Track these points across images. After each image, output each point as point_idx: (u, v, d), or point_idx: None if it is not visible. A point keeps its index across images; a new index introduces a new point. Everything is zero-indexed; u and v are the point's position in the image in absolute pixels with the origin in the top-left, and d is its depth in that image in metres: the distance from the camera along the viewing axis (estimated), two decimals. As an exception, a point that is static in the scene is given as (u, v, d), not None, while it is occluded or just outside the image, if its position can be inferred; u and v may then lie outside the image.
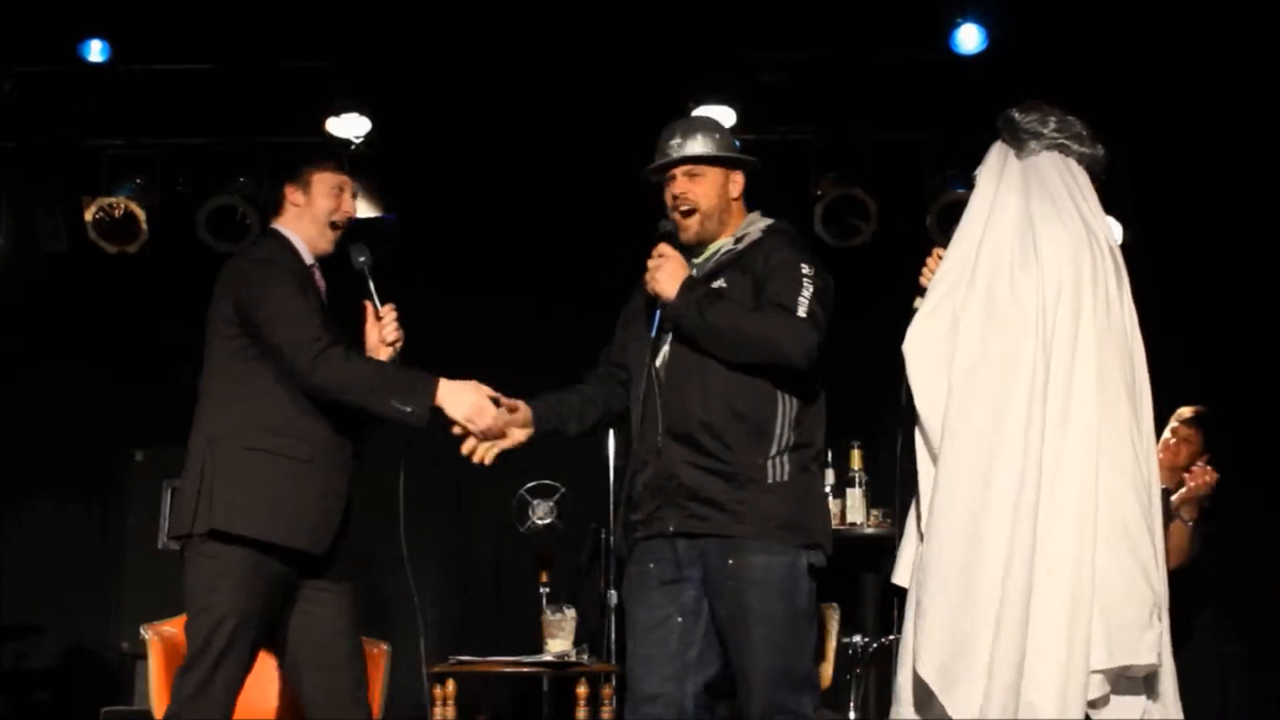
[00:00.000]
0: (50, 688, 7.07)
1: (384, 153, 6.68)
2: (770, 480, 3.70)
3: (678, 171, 3.89)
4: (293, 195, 4.05)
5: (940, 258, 3.55)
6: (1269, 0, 5.91)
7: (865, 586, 6.03)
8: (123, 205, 6.64)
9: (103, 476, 7.05)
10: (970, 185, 5.46)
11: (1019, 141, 3.50)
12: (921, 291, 3.57)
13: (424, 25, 6.34)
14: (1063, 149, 3.49)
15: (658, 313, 3.81)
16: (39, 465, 7.13)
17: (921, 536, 3.38)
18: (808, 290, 3.71)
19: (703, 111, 6.38)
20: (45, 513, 7.21)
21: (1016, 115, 3.54)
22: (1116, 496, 3.26)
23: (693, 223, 3.88)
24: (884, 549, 5.50)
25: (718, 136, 3.94)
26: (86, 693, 6.83)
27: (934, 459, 3.36)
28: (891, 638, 5.83)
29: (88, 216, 6.66)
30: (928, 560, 3.30)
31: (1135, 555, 3.24)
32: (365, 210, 6.75)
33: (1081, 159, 3.51)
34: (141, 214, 6.65)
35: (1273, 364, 6.54)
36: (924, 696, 3.28)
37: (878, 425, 5.54)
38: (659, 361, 3.84)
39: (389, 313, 4.07)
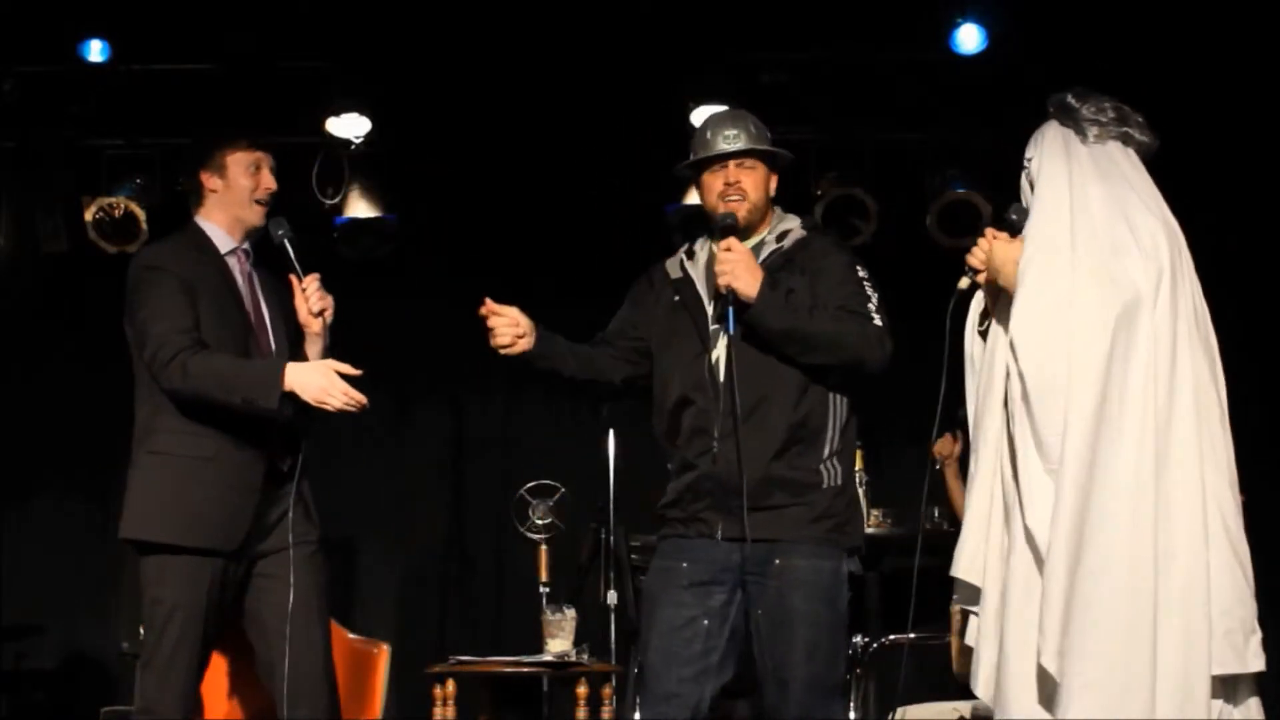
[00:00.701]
0: (50, 688, 7.07)
1: (384, 153, 6.68)
2: (825, 485, 3.73)
3: (730, 162, 3.88)
4: (209, 181, 4.01)
5: (995, 237, 3.45)
6: (1269, 0, 5.91)
7: (865, 586, 6.02)
8: (123, 205, 6.64)
9: (103, 476, 7.04)
10: (972, 185, 5.49)
11: (1081, 128, 3.42)
12: (968, 271, 3.46)
13: (424, 26, 6.34)
14: (1124, 139, 3.44)
15: (728, 311, 3.72)
16: (40, 465, 7.14)
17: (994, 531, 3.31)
18: (874, 297, 3.78)
19: (702, 112, 6.39)
20: (45, 513, 7.21)
21: (1073, 101, 3.46)
22: (1219, 497, 3.19)
23: (743, 209, 3.86)
24: (884, 549, 5.52)
25: (768, 134, 3.96)
26: (86, 693, 6.83)
27: (1040, 445, 3.20)
28: (892, 638, 5.83)
29: (88, 216, 6.66)
30: (1035, 555, 3.17)
31: (1239, 558, 3.19)
32: (365, 210, 6.76)
33: (1140, 148, 3.46)
34: (141, 214, 6.65)
35: (1273, 364, 6.55)
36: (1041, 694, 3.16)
37: (878, 425, 5.55)
38: (717, 360, 3.79)
39: (311, 282, 3.96)
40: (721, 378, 3.76)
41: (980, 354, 3.44)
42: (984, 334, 3.44)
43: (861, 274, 3.81)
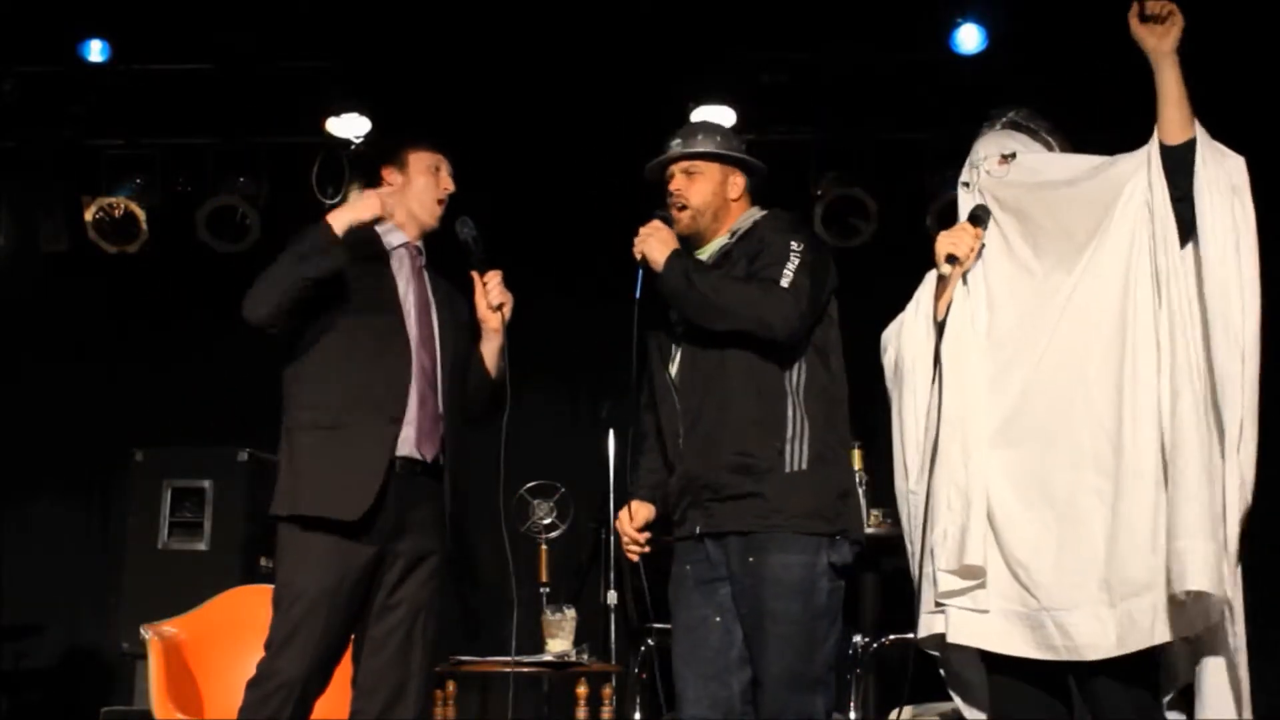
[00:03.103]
0: (50, 688, 7.06)
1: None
2: (788, 469, 3.68)
3: (676, 169, 3.94)
4: (390, 176, 4.09)
5: (975, 234, 3.54)
6: (1269, 0, 5.91)
7: (865, 586, 6.02)
8: (123, 205, 6.64)
9: (103, 476, 7.05)
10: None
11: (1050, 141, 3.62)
12: (949, 259, 3.52)
13: (424, 26, 6.34)
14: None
15: (638, 275, 3.84)
16: (39, 465, 7.13)
17: None
18: (793, 263, 3.71)
19: (703, 111, 6.40)
20: (45, 513, 7.21)
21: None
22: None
23: (684, 216, 3.91)
24: (884, 549, 5.51)
25: (719, 137, 3.97)
26: (86, 693, 6.82)
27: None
28: (892, 638, 5.83)
29: (88, 216, 6.66)
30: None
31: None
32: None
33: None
34: (141, 214, 6.66)
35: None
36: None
37: (878, 425, 5.54)
38: (674, 367, 3.86)
39: (493, 278, 4.08)
40: (677, 379, 3.84)
41: (924, 337, 3.57)
42: (941, 325, 3.50)
43: (794, 246, 3.75)
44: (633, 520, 3.92)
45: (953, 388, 3.43)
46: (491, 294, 4.05)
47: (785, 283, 3.68)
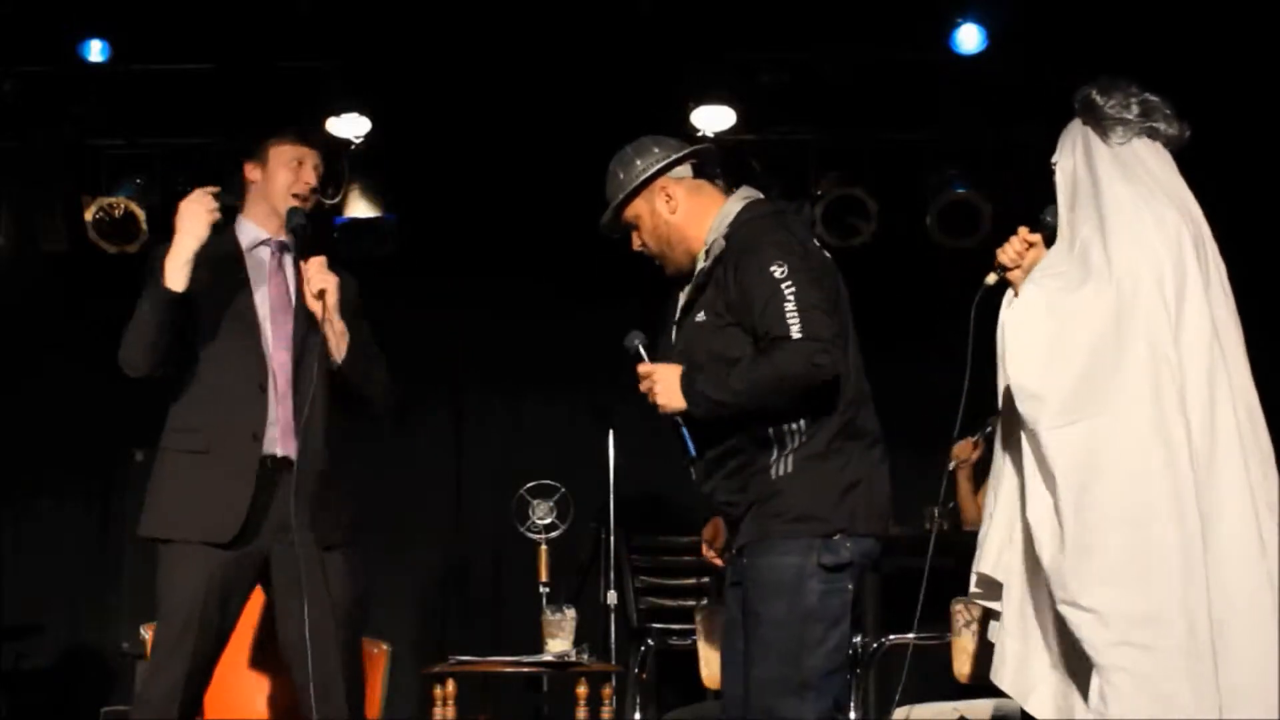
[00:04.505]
0: (50, 688, 7.06)
1: (384, 153, 6.68)
2: (775, 475, 3.61)
3: (628, 232, 3.81)
4: (250, 172, 4.01)
5: (1026, 240, 3.47)
6: (1269, 0, 5.91)
7: (865, 586, 6.02)
8: (123, 205, 6.64)
9: (103, 476, 7.05)
10: (972, 185, 5.48)
11: (1104, 128, 3.40)
12: (997, 268, 3.47)
13: (423, 26, 6.34)
14: (1151, 133, 3.43)
15: (683, 434, 3.66)
16: (39, 465, 7.13)
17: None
18: (789, 300, 3.49)
19: (702, 111, 6.39)
20: (45, 513, 7.21)
21: (1098, 98, 3.43)
22: (1270, 499, 3.21)
23: (666, 265, 3.78)
24: (885, 549, 5.50)
25: (620, 176, 3.77)
26: (86, 693, 6.83)
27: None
28: (892, 638, 5.83)
29: (88, 216, 6.66)
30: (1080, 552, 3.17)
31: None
32: (365, 210, 6.76)
33: (1168, 141, 3.45)
34: (141, 214, 6.65)
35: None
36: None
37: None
38: None
39: (312, 264, 3.91)
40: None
41: None
42: None
43: (776, 273, 3.50)
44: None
45: None
46: (312, 281, 3.89)
47: (796, 332, 3.47)
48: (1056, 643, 3.24)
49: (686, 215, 3.73)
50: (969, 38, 6.27)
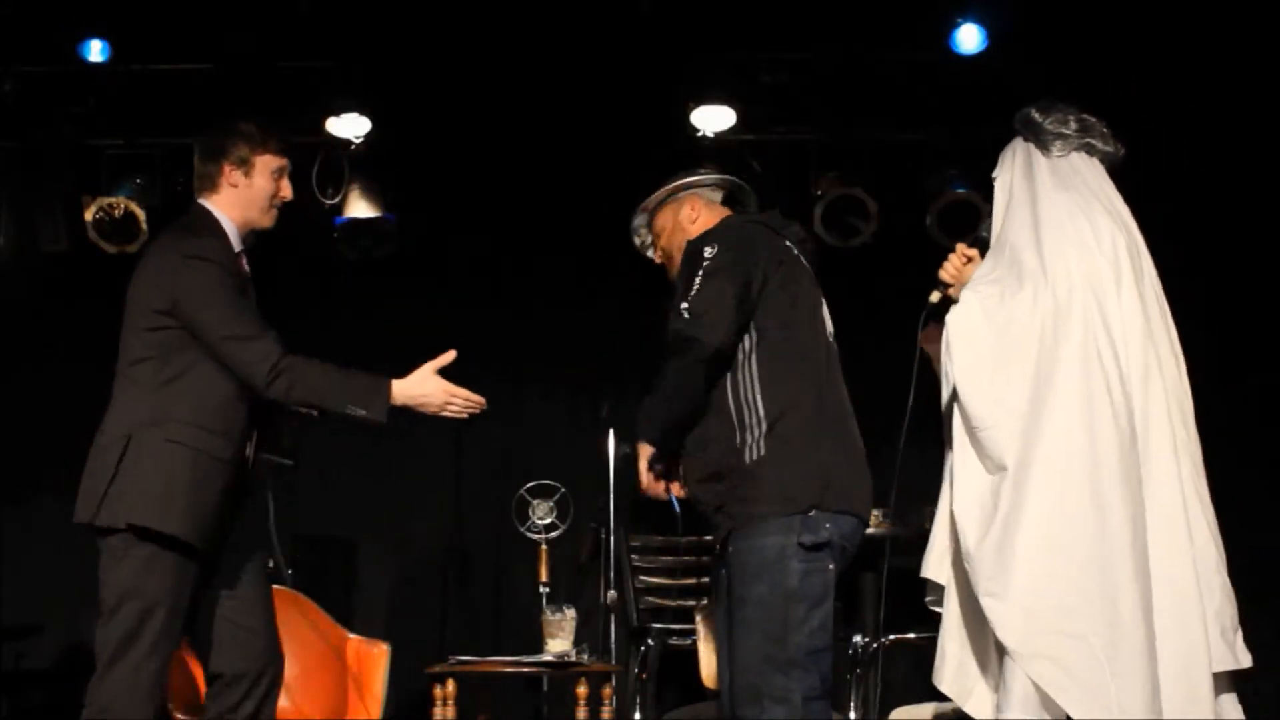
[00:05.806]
0: (50, 688, 7.06)
1: (384, 153, 6.68)
2: (748, 461, 3.68)
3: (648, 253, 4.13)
4: (231, 175, 3.97)
5: (965, 255, 3.61)
6: (1269, 0, 5.91)
7: (865, 586, 6.02)
8: (123, 205, 6.64)
9: (103, 476, 7.03)
10: (972, 185, 5.51)
11: (1043, 142, 3.56)
12: (939, 285, 3.61)
13: (424, 25, 6.34)
14: (1088, 149, 3.56)
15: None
16: (40, 465, 7.12)
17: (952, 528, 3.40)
18: (695, 287, 3.68)
19: (702, 111, 6.41)
20: (46, 512, 7.19)
21: (1037, 116, 3.60)
22: (1200, 493, 3.33)
23: (669, 272, 4.01)
24: (882, 549, 5.51)
25: (663, 188, 4.09)
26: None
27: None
28: (892, 638, 5.83)
29: (88, 216, 6.66)
30: (1019, 553, 3.24)
31: (1219, 552, 3.32)
32: (365, 210, 6.76)
33: (1104, 157, 3.57)
34: (141, 214, 6.65)
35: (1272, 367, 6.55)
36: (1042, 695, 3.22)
37: (876, 424, 5.55)
38: None
39: None
40: None
41: None
42: None
43: (702, 261, 3.72)
44: None
45: None
46: None
47: (685, 315, 3.66)
48: (994, 644, 3.31)
49: (699, 229, 3.94)
50: (969, 38, 6.27)
